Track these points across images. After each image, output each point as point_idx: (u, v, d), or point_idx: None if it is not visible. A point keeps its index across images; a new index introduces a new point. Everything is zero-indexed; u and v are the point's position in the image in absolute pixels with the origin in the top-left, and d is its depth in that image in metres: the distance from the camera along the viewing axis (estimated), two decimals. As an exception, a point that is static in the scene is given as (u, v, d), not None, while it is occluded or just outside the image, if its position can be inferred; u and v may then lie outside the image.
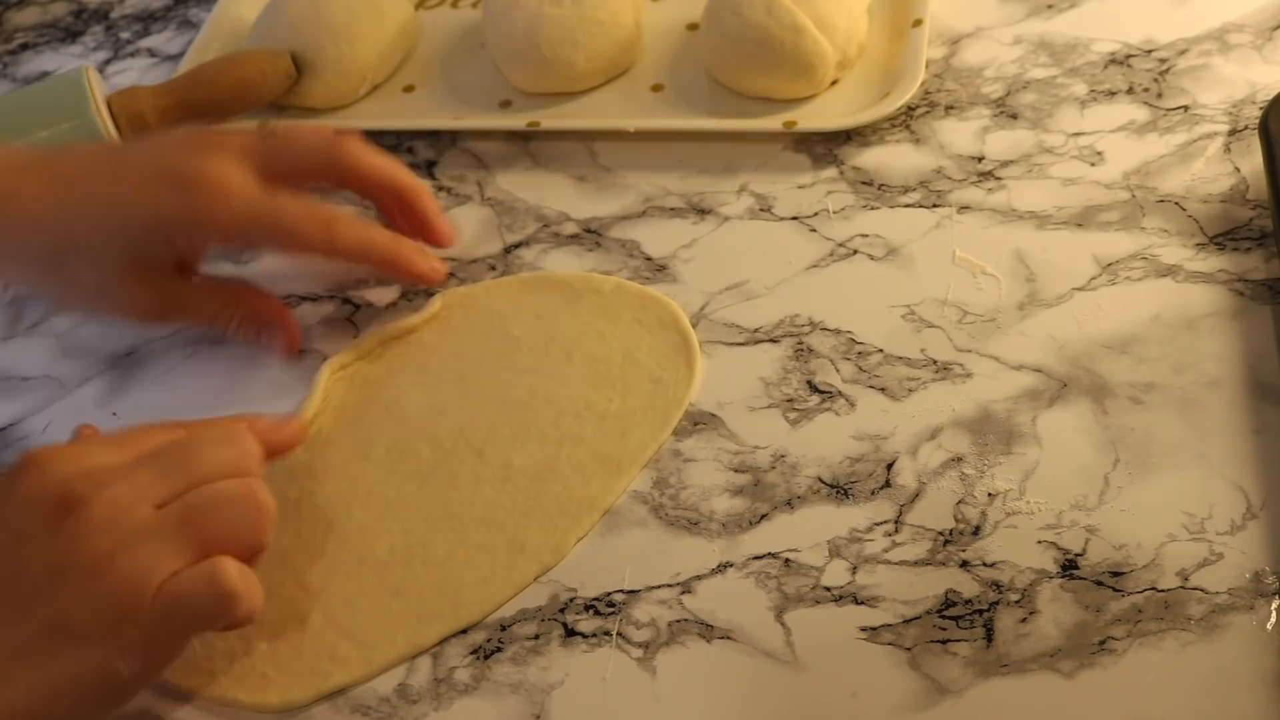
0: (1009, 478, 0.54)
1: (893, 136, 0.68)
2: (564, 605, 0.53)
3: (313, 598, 0.54)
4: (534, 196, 0.69)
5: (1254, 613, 0.48)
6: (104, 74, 0.81)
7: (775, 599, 0.52)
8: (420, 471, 0.58)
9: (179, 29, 0.84)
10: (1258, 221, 0.61)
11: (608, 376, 0.60)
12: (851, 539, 0.53)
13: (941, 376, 0.58)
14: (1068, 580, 0.50)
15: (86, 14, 0.87)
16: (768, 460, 0.56)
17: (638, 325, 0.61)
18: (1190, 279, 0.59)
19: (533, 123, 0.71)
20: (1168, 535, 0.51)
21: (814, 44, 0.67)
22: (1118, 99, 0.67)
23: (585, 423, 0.58)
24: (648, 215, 0.67)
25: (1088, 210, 0.63)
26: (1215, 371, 0.55)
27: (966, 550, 0.52)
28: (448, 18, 0.80)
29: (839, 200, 0.66)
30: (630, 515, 0.55)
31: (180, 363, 0.65)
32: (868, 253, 0.63)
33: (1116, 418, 0.55)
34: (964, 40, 0.72)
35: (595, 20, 0.71)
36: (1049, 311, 0.59)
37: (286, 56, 0.73)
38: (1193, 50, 0.69)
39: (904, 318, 0.60)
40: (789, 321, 0.61)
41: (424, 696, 0.51)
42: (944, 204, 0.64)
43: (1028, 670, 0.48)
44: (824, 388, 0.58)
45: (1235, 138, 0.64)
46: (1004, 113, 0.68)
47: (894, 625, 0.50)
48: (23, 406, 0.64)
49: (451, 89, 0.75)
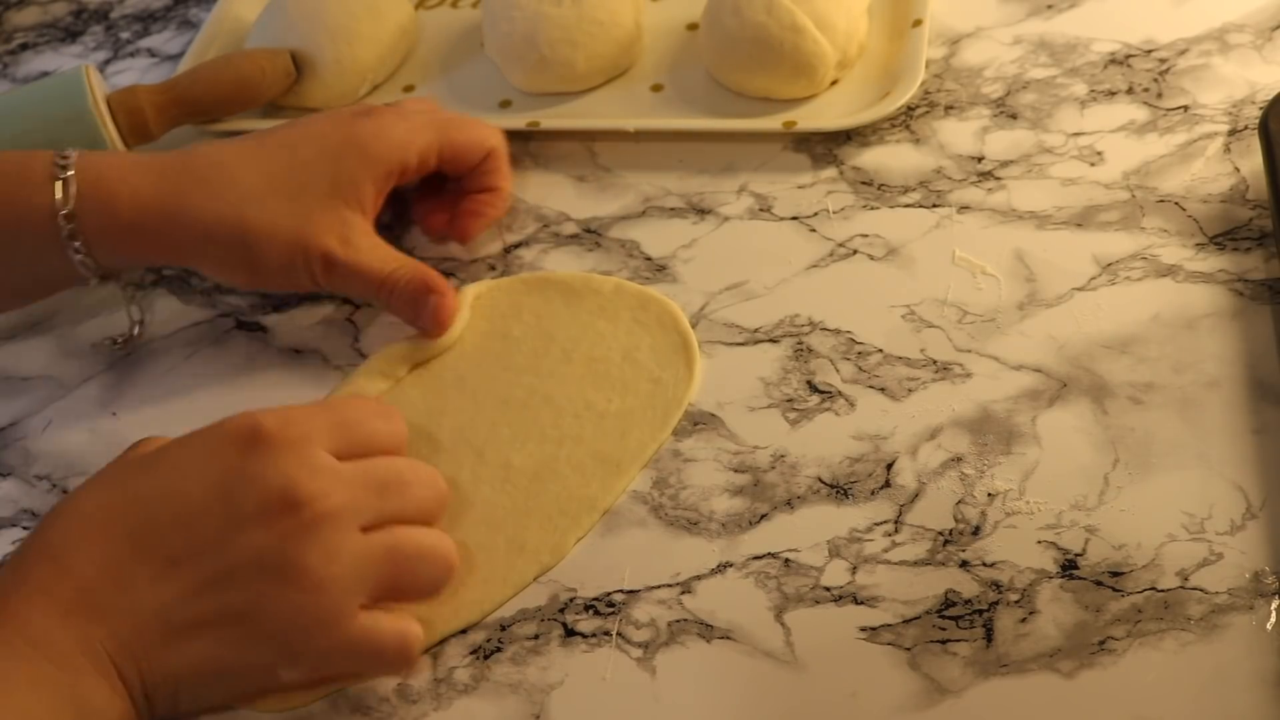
0: (1009, 478, 0.54)
1: (893, 136, 0.68)
2: (564, 605, 0.53)
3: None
4: (534, 196, 0.69)
5: (1254, 613, 0.48)
6: (104, 74, 0.81)
7: (775, 599, 0.52)
8: None
9: (179, 29, 0.84)
10: (1258, 221, 0.61)
11: (607, 376, 0.60)
12: (851, 539, 0.53)
13: (941, 376, 0.58)
14: (1068, 580, 0.50)
15: (86, 14, 0.87)
16: (767, 460, 0.56)
17: (637, 325, 0.61)
18: (1190, 279, 0.59)
19: (533, 123, 0.71)
20: (1167, 535, 0.51)
21: (814, 44, 0.67)
22: (1118, 99, 0.67)
23: (585, 423, 0.58)
24: (648, 215, 0.67)
25: (1088, 210, 0.63)
26: (1215, 371, 0.55)
27: (966, 550, 0.52)
28: (448, 18, 0.80)
29: (839, 200, 0.66)
30: (630, 515, 0.55)
31: (180, 363, 0.65)
32: (868, 253, 0.63)
33: (1116, 418, 0.55)
34: (964, 40, 0.72)
35: (595, 20, 0.71)
36: (1049, 311, 0.59)
37: (286, 55, 0.73)
38: (1193, 50, 0.69)
39: (904, 318, 0.60)
40: (789, 321, 0.61)
41: (424, 696, 0.51)
42: (944, 204, 0.64)
43: (1028, 670, 0.48)
44: (824, 388, 0.58)
45: (1235, 138, 0.64)
46: (1004, 113, 0.68)
47: (894, 625, 0.50)
48: (23, 406, 0.64)
49: (451, 89, 0.75)
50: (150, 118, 0.71)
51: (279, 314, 0.66)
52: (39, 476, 0.61)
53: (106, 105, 0.70)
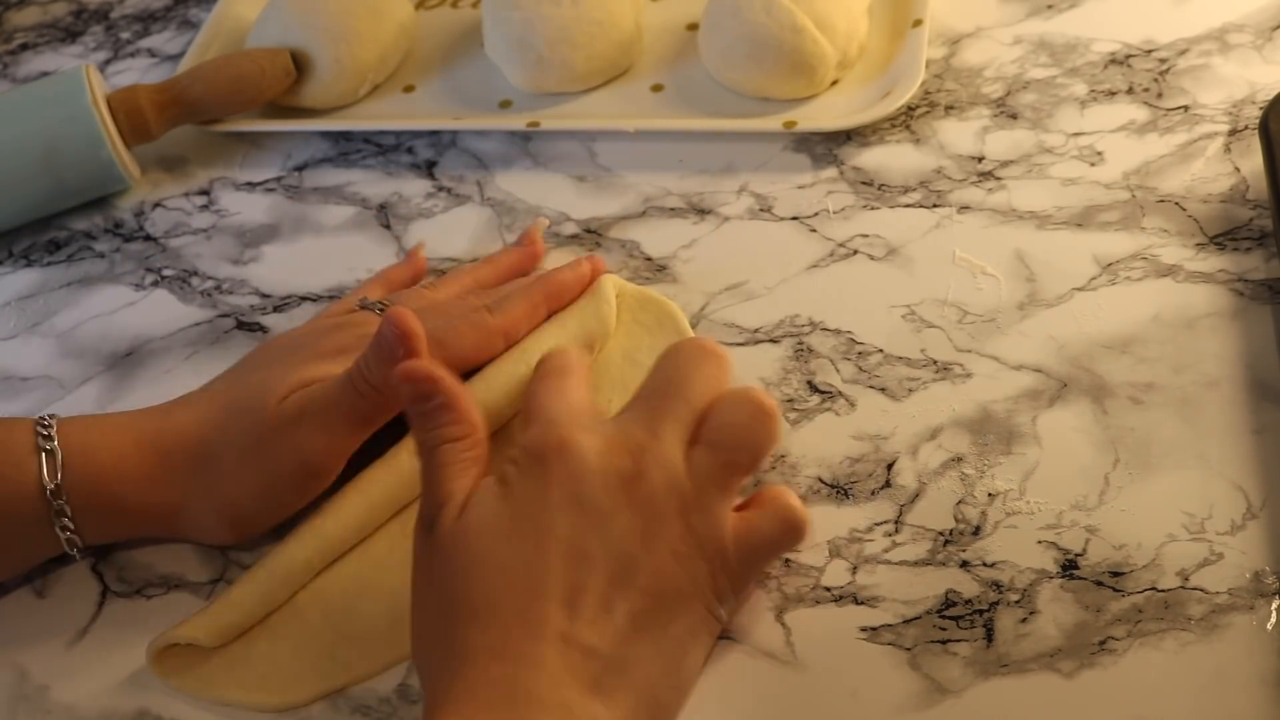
0: (1009, 478, 0.54)
1: (893, 136, 0.68)
2: (564, 605, 0.53)
3: (312, 597, 0.54)
4: (534, 196, 0.69)
5: (1254, 613, 0.48)
6: (104, 74, 0.81)
7: (775, 599, 0.52)
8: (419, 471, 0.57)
9: (179, 29, 0.84)
10: (1258, 221, 0.61)
11: (607, 376, 0.60)
12: (851, 539, 0.53)
13: (941, 376, 0.58)
14: (1068, 580, 0.50)
15: (86, 14, 0.87)
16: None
17: (637, 325, 0.61)
18: (1190, 279, 0.59)
19: (532, 123, 0.71)
20: (1168, 535, 0.51)
21: (814, 44, 0.67)
22: (1118, 99, 0.67)
23: (585, 423, 0.58)
24: (648, 215, 0.67)
25: (1088, 210, 0.63)
26: (1215, 371, 0.55)
27: (966, 550, 0.52)
28: (448, 18, 0.80)
29: (839, 200, 0.66)
30: (630, 515, 0.55)
31: (180, 363, 0.65)
32: (868, 253, 0.63)
33: (1116, 418, 0.55)
34: (964, 40, 0.72)
35: (594, 20, 0.71)
36: (1049, 311, 0.59)
37: (286, 55, 0.73)
38: (1193, 50, 0.69)
39: (904, 318, 0.60)
40: (789, 321, 0.61)
41: (424, 696, 0.51)
42: (944, 204, 0.64)
43: (1028, 670, 0.48)
44: (824, 388, 0.58)
45: (1235, 138, 0.64)
46: (1004, 113, 0.68)
47: (894, 625, 0.50)
48: (23, 406, 0.64)
49: (451, 89, 0.75)
50: (150, 117, 0.71)
51: (279, 314, 0.66)
52: (39, 476, 0.61)
53: (106, 105, 0.70)
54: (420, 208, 0.70)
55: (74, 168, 0.70)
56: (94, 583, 0.57)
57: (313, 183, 0.72)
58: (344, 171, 0.73)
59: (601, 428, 0.50)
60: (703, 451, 0.49)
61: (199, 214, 0.72)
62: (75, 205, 0.73)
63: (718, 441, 0.50)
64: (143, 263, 0.70)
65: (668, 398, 0.51)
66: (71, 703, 0.53)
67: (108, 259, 0.71)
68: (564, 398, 0.52)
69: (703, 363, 0.52)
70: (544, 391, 0.52)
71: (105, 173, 0.71)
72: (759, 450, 0.50)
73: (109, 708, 0.53)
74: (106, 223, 0.73)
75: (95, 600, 0.56)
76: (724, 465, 0.49)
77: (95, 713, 0.53)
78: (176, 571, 0.56)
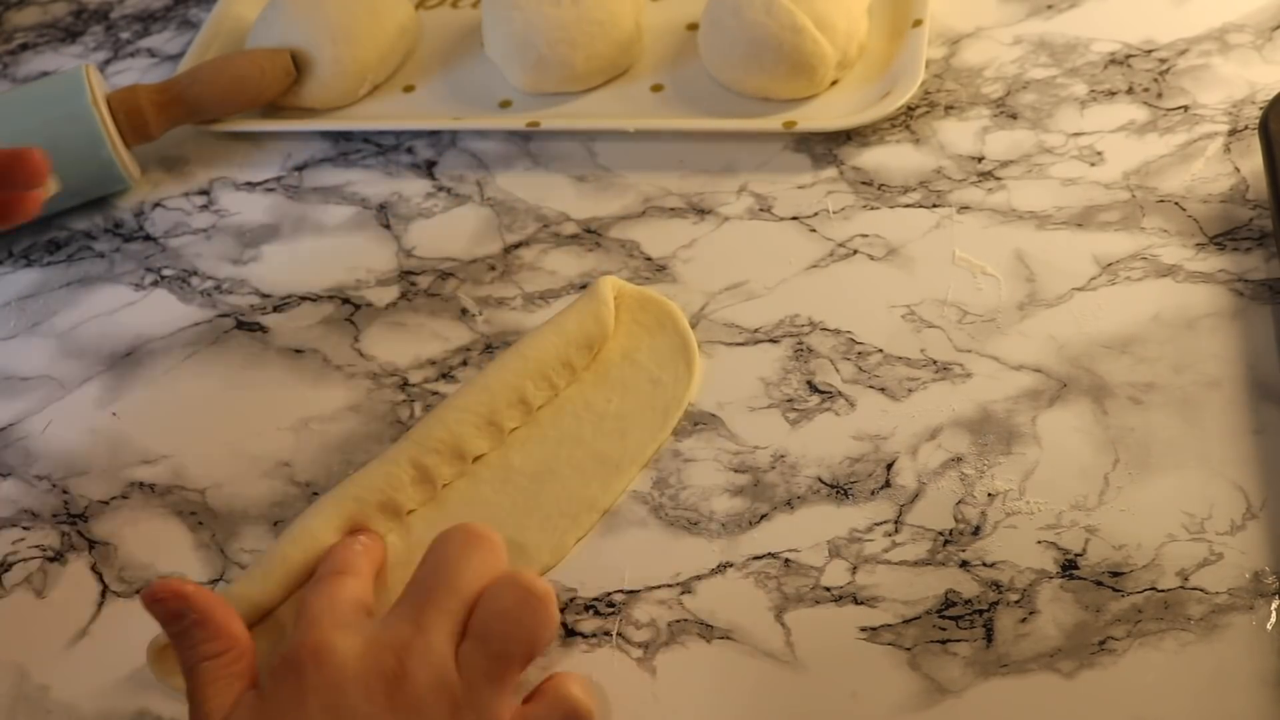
0: (1009, 478, 0.54)
1: (893, 136, 0.68)
2: (564, 605, 0.53)
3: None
4: (534, 196, 0.69)
5: (1254, 613, 0.48)
6: (104, 74, 0.81)
7: (775, 599, 0.52)
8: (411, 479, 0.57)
9: (179, 29, 0.84)
10: (1258, 221, 0.61)
11: (607, 377, 0.60)
12: (851, 539, 0.53)
13: (941, 376, 0.58)
14: (1068, 580, 0.50)
15: (86, 14, 0.87)
16: (768, 460, 0.56)
17: (637, 326, 0.61)
18: (1190, 279, 0.59)
19: (532, 123, 0.71)
20: (1167, 535, 0.51)
21: (813, 44, 0.67)
22: (1118, 99, 0.67)
23: (584, 423, 0.58)
24: (648, 215, 0.67)
25: (1088, 210, 0.63)
26: (1215, 371, 0.55)
27: (966, 550, 0.52)
28: (448, 18, 0.80)
29: (839, 200, 0.66)
30: (630, 515, 0.55)
31: (180, 363, 0.65)
32: (868, 253, 0.63)
33: (1116, 418, 0.55)
34: (964, 40, 0.72)
35: (594, 20, 0.71)
36: (1049, 311, 0.59)
37: (286, 55, 0.73)
38: (1193, 50, 0.69)
39: (904, 318, 0.60)
40: (789, 321, 0.61)
41: None
42: (944, 204, 0.64)
43: (1028, 670, 0.48)
44: (824, 388, 0.58)
45: (1235, 138, 0.64)
46: (1004, 113, 0.68)
47: (894, 625, 0.50)
48: (23, 406, 0.64)
49: (451, 89, 0.75)
50: (150, 117, 0.71)
51: (279, 314, 0.66)
52: (39, 476, 0.61)
53: (106, 105, 0.70)
54: (420, 208, 0.70)
55: (74, 168, 0.70)
56: (94, 583, 0.57)
57: (313, 183, 0.72)
58: (344, 171, 0.73)
59: (365, 626, 0.48)
60: (472, 644, 0.47)
61: (199, 214, 0.72)
62: (75, 205, 0.73)
63: (486, 633, 0.47)
64: (143, 263, 0.70)
65: (434, 589, 0.48)
66: (71, 703, 0.53)
67: (108, 259, 0.71)
68: (330, 596, 0.49)
69: (472, 549, 0.49)
70: (312, 592, 0.50)
71: (105, 173, 0.71)
72: (531, 639, 0.47)
73: (109, 708, 0.53)
74: (106, 222, 0.73)
75: (95, 600, 0.56)
76: (495, 658, 0.47)
77: (95, 713, 0.53)
78: (176, 572, 0.57)
